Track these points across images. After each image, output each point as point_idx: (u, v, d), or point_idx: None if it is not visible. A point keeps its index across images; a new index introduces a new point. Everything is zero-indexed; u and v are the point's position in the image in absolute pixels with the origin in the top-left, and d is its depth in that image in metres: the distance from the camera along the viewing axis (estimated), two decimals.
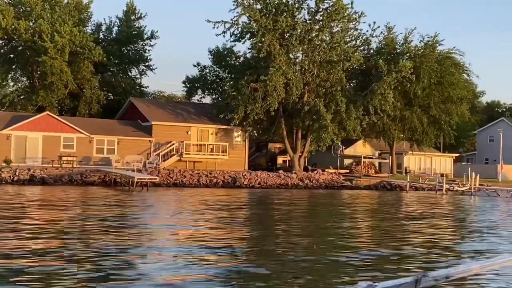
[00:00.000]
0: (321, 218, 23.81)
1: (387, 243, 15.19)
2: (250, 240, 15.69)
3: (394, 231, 18.81)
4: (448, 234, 18.60)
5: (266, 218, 22.79)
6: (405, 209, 29.07)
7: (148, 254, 12.48)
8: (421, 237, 17.12)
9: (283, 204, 29.83)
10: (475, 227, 21.34)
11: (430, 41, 55.58)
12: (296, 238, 16.08)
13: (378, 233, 18.33)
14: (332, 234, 17.67)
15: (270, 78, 45.76)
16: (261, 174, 45.85)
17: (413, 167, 64.57)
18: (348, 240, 15.97)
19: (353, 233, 17.92)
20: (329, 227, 19.91)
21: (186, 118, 50.61)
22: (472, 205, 34.46)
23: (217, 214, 22.20)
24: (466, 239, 17.48)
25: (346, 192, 43.32)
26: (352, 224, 20.89)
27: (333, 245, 14.93)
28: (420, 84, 51.76)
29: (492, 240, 16.57)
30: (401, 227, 20.26)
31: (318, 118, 47.82)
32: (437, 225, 21.16)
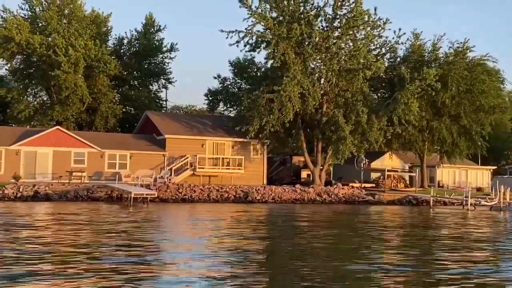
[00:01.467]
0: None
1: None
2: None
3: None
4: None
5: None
6: (429, 233, 26.57)
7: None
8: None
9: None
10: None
11: (460, 47, 52.68)
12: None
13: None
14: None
15: (284, 88, 43.86)
16: (276, 189, 43.84)
17: (447, 180, 61.31)
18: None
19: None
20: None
21: (201, 131, 49.19)
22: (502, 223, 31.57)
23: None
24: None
25: (364, 208, 40.83)
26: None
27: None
28: (448, 92, 48.85)
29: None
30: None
31: (336, 129, 45.56)
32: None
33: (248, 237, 20.41)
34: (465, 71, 50.86)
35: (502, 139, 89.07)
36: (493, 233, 25.41)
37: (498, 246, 20.65)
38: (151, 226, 23.78)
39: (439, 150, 53.39)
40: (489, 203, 40.30)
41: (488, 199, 40.98)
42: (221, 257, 15.49)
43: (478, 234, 24.31)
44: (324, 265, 15.01)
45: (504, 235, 24.62)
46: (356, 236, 22.65)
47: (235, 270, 13.59)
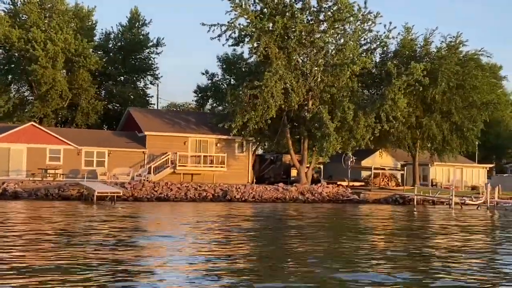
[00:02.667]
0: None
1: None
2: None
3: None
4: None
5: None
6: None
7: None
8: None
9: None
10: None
11: (452, 41, 51.03)
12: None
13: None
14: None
15: (266, 84, 42.43)
16: (257, 188, 42.49)
17: (441, 179, 59.64)
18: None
19: None
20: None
21: (184, 128, 47.88)
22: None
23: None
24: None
25: (348, 207, 39.38)
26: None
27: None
28: (438, 88, 47.21)
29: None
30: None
31: (320, 126, 44.09)
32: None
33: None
34: (457, 66, 49.23)
35: (503, 137, 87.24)
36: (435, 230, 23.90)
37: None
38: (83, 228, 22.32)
39: (430, 147, 51.68)
40: (475, 202, 38.69)
41: (474, 198, 39.37)
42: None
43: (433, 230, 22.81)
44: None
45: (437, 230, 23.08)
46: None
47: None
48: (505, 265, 15.23)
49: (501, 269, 14.71)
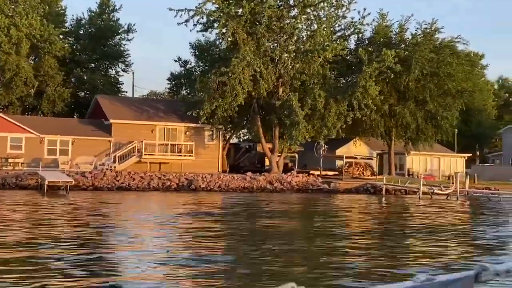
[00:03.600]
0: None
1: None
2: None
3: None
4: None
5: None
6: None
7: None
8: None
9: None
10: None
11: (427, 28, 50.08)
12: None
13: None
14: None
15: (233, 70, 41.33)
16: (224, 177, 41.47)
17: (417, 168, 58.82)
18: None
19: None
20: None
21: (151, 116, 46.73)
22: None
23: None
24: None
25: (315, 196, 38.52)
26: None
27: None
28: (411, 75, 46.27)
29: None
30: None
31: (290, 114, 43.09)
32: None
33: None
34: (432, 53, 48.29)
35: (485, 126, 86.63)
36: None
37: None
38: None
39: (404, 136, 50.76)
40: (444, 192, 37.86)
41: (444, 187, 38.54)
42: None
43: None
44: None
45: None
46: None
47: None
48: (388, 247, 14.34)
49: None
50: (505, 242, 17.55)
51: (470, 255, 14.50)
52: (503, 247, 16.57)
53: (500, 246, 16.54)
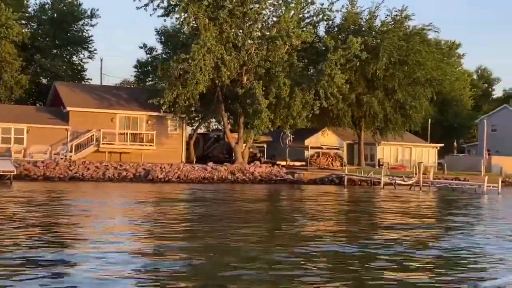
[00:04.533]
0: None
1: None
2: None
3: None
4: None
5: None
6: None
7: None
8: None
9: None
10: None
11: (398, 15, 48.98)
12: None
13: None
14: None
15: (193, 57, 39.94)
16: (183, 167, 40.20)
17: (388, 158, 57.91)
18: None
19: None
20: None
21: (112, 104, 45.24)
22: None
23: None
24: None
25: (276, 187, 37.43)
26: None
27: None
28: (379, 63, 45.16)
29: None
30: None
31: (253, 103, 41.85)
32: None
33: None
34: (401, 41, 47.23)
35: (461, 116, 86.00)
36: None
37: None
38: None
39: (372, 126, 49.68)
40: (406, 182, 36.89)
41: (406, 178, 37.58)
42: None
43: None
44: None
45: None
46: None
47: None
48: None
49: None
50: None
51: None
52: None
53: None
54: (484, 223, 20.55)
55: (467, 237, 15.80)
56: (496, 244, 14.59)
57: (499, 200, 32.18)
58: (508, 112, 78.56)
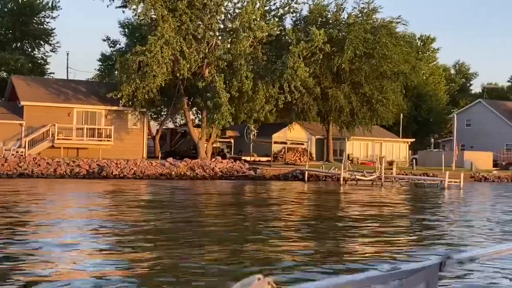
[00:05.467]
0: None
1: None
2: None
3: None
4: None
5: None
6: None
7: None
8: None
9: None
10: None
11: (365, 8, 48.02)
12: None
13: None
14: None
15: (149, 49, 38.65)
16: (140, 163, 38.91)
17: (358, 153, 57.06)
18: None
19: None
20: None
21: (70, 98, 43.81)
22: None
23: None
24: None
25: (235, 183, 36.31)
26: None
27: None
28: (344, 56, 44.15)
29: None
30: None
31: (213, 96, 40.65)
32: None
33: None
34: (368, 34, 46.25)
35: (436, 111, 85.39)
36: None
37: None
38: None
39: (337, 120, 48.64)
40: (367, 178, 35.94)
41: (367, 173, 36.62)
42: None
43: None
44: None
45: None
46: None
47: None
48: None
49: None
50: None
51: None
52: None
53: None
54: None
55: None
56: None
57: (455, 195, 31.15)
58: (482, 107, 78.19)
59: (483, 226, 17.00)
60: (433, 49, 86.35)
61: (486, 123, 76.28)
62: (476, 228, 16.56)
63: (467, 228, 16.76)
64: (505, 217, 20.13)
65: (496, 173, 52.93)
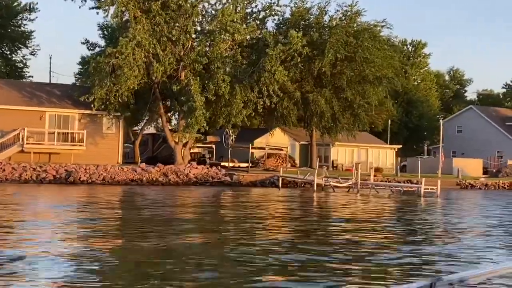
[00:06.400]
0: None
1: None
2: None
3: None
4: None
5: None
6: None
7: None
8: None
9: None
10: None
11: (348, 11, 46.95)
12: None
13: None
14: None
15: (120, 51, 37.53)
16: (110, 168, 37.68)
17: (343, 160, 55.84)
18: None
19: None
20: None
21: (43, 102, 42.67)
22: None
23: None
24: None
25: (205, 190, 35.10)
26: None
27: None
28: (324, 60, 43.01)
29: None
30: None
31: (187, 100, 39.52)
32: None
33: None
34: (351, 37, 45.16)
35: (427, 117, 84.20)
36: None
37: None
38: None
39: (318, 125, 47.39)
40: (342, 184, 34.70)
41: (342, 179, 35.38)
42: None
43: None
44: None
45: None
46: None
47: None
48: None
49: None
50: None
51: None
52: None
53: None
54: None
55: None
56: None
57: (427, 203, 29.75)
58: (473, 113, 76.98)
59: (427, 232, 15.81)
60: (424, 55, 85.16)
61: (478, 130, 75.05)
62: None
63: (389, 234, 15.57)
64: (460, 225, 19.01)
65: (484, 180, 51.68)
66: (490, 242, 14.78)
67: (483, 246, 14.05)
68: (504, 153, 71.21)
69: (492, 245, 14.18)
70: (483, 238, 15.91)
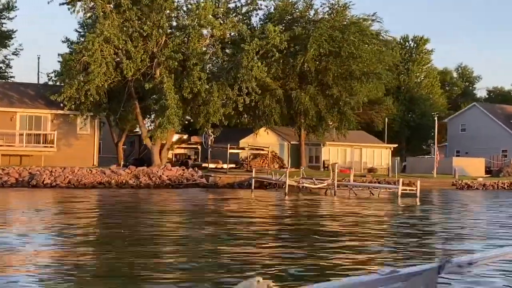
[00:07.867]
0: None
1: None
2: None
3: None
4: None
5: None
6: None
7: None
8: None
9: None
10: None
11: (335, 4, 44.86)
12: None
13: None
14: None
15: (86, 47, 35.79)
16: (78, 171, 35.93)
17: (335, 160, 53.55)
18: None
19: None
20: None
21: (13, 102, 41.12)
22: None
23: None
24: None
25: (169, 192, 33.19)
26: None
27: None
28: (307, 55, 40.95)
29: None
30: None
31: (160, 98, 37.69)
32: None
33: None
34: (336, 31, 43.03)
35: (429, 115, 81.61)
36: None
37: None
38: None
39: (303, 123, 45.29)
40: (316, 186, 32.55)
41: (317, 181, 33.24)
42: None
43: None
44: None
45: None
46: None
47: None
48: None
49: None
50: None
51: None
52: None
53: None
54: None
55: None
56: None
57: (400, 205, 27.22)
58: (477, 110, 74.22)
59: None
60: (427, 51, 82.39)
61: (482, 128, 72.23)
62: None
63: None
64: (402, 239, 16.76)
65: (481, 180, 49.16)
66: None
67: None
68: (509, 151, 68.41)
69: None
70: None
